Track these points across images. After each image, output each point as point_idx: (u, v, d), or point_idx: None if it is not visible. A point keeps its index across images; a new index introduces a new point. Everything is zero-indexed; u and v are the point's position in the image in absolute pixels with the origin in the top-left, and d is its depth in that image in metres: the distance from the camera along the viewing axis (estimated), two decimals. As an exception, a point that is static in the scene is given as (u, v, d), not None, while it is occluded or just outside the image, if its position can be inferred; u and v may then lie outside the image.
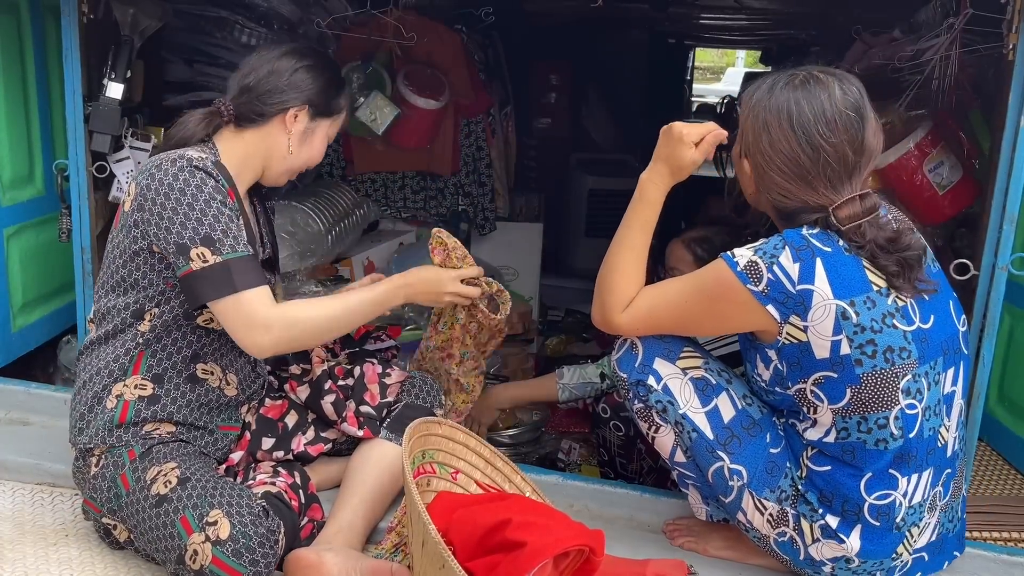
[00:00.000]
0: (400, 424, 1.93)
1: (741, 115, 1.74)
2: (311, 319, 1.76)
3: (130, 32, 2.45)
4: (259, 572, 1.62)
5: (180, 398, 1.84)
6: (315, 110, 1.87)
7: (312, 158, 1.92)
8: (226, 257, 1.67)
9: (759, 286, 1.62)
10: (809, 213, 1.66)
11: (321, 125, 1.90)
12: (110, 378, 1.81)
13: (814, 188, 1.65)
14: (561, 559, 1.54)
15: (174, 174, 1.69)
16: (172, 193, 1.68)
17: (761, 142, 1.67)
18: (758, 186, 1.72)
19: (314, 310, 1.78)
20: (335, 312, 1.80)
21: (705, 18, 5.35)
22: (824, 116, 1.63)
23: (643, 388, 1.79)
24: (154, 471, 1.73)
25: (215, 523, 1.63)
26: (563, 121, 5.56)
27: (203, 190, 1.69)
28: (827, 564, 1.72)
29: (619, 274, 1.79)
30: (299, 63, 1.85)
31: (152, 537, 1.69)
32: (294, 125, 1.84)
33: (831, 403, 1.65)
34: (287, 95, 1.83)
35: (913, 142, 2.37)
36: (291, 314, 1.73)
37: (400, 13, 3.18)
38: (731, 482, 1.75)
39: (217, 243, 1.67)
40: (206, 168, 1.72)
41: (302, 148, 1.88)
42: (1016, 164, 1.93)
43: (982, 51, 2.12)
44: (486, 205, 3.98)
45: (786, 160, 1.65)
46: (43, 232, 2.70)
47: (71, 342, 2.82)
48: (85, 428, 1.80)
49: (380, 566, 1.72)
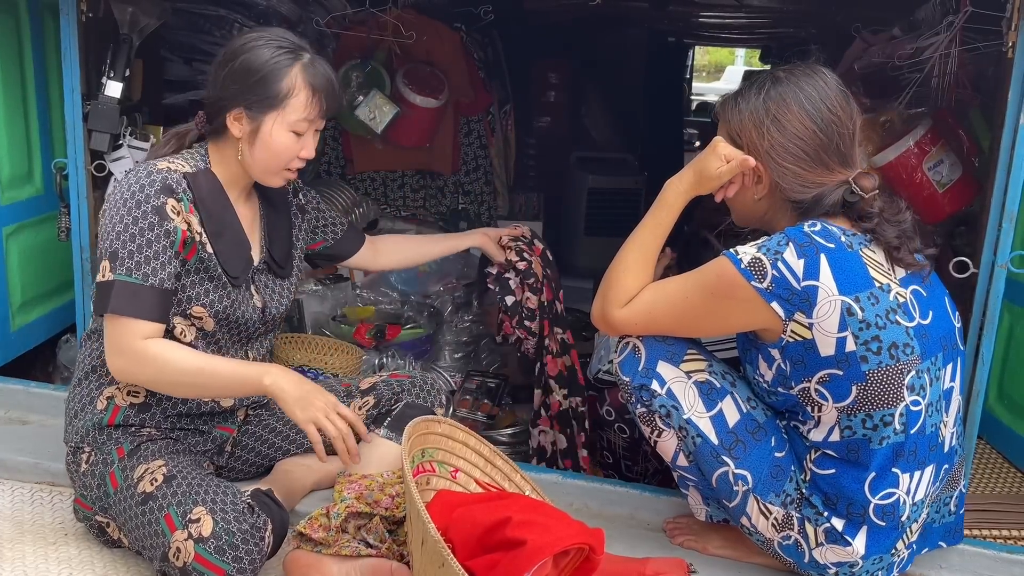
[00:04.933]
0: (400, 423, 1.93)
1: (730, 127, 1.73)
2: (167, 362, 1.69)
3: (129, 31, 2.45)
4: (243, 569, 1.61)
5: (171, 409, 1.85)
6: (251, 107, 1.76)
7: (276, 155, 1.78)
8: (116, 277, 1.68)
9: (763, 283, 1.62)
10: (828, 196, 1.67)
11: (267, 119, 1.76)
12: (104, 377, 1.83)
13: (829, 168, 1.68)
14: (561, 557, 1.54)
15: (129, 185, 1.71)
16: (116, 203, 1.71)
17: (771, 135, 1.67)
18: (771, 186, 1.71)
19: (175, 355, 1.70)
20: (194, 367, 1.71)
21: (704, 16, 5.35)
22: (827, 93, 1.68)
23: (647, 393, 1.77)
24: (141, 469, 1.73)
25: (198, 520, 1.62)
26: (563, 120, 5.55)
27: (141, 206, 1.69)
28: (831, 568, 1.72)
29: (623, 269, 1.79)
30: (223, 67, 1.78)
31: (139, 535, 1.69)
32: (239, 129, 1.79)
33: (836, 401, 1.64)
34: (221, 102, 1.78)
35: (913, 140, 2.36)
36: (152, 351, 1.69)
37: (399, 11, 3.18)
38: (736, 487, 1.74)
39: (118, 262, 1.68)
40: (168, 184, 1.71)
41: (255, 148, 1.78)
42: (1016, 162, 1.92)
43: (982, 49, 2.11)
44: (486, 204, 3.98)
45: (802, 144, 1.67)
46: (42, 231, 2.70)
47: (70, 341, 2.82)
48: (76, 426, 1.82)
49: (380, 565, 1.72)
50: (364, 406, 2.04)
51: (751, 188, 1.74)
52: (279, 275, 1.98)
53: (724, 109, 1.76)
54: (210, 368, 1.73)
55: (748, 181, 1.74)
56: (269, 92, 1.75)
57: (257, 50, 1.75)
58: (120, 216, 1.69)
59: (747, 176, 1.73)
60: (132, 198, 1.70)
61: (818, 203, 1.68)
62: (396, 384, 2.08)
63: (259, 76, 1.74)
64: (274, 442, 2.03)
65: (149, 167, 1.74)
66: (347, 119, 3.50)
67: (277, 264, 1.97)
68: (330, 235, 2.16)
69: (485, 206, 4.01)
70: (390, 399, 2.05)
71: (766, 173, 1.71)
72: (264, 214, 1.98)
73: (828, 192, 1.67)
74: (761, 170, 1.71)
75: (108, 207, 1.73)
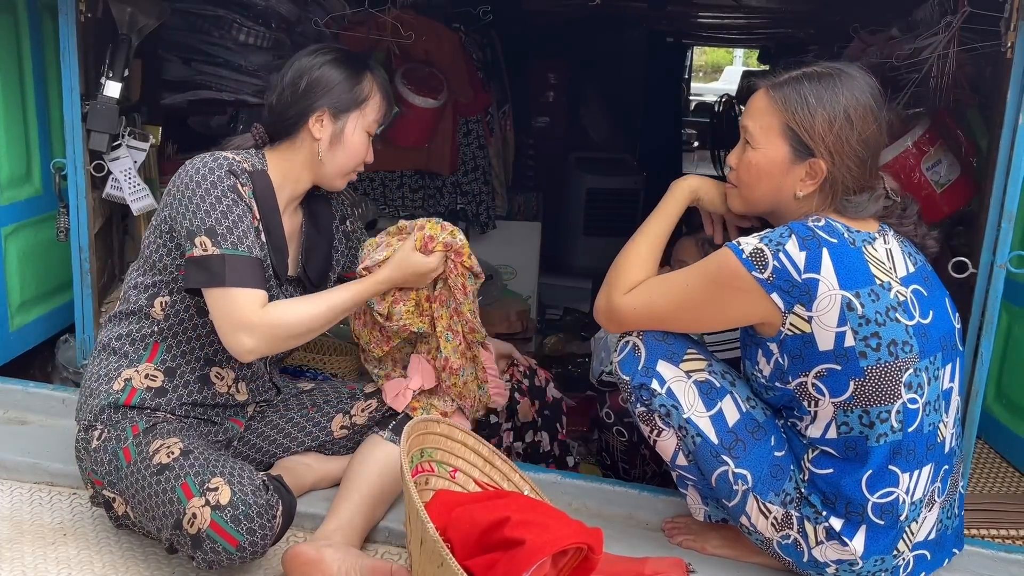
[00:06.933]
0: (400, 423, 1.95)
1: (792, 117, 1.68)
2: (295, 321, 1.76)
3: (128, 31, 2.45)
4: (255, 542, 1.62)
5: (187, 396, 1.86)
6: (336, 108, 1.86)
7: (353, 155, 1.90)
8: (224, 251, 1.70)
9: (764, 273, 1.62)
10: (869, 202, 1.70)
11: (349, 120, 1.88)
12: (124, 359, 1.84)
13: (871, 171, 1.71)
14: (559, 557, 1.54)
15: (197, 167, 1.75)
16: (191, 183, 1.74)
17: (849, 138, 1.66)
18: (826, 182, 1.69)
19: (298, 311, 1.78)
20: (319, 311, 1.80)
21: (703, 17, 5.35)
22: (876, 98, 1.69)
23: (646, 392, 1.77)
24: (157, 443, 1.74)
25: (216, 489, 1.64)
26: (561, 120, 5.56)
27: (218, 185, 1.73)
28: (831, 566, 1.72)
29: (630, 258, 1.81)
30: (306, 70, 1.86)
31: (150, 505, 1.69)
32: (320, 131, 1.86)
33: (833, 396, 1.65)
34: (303, 104, 1.85)
35: (911, 140, 2.36)
36: (275, 317, 1.73)
37: (398, 12, 3.18)
38: (735, 486, 1.74)
39: (219, 236, 1.70)
40: (234, 169, 1.76)
41: (335, 151, 1.88)
42: (1014, 162, 1.93)
43: (980, 49, 2.12)
44: (484, 204, 3.98)
45: (867, 147, 1.68)
46: (41, 231, 2.70)
47: (69, 341, 2.81)
48: (91, 404, 1.82)
49: (379, 565, 1.72)
50: (367, 408, 2.04)
51: (797, 182, 1.70)
52: (307, 292, 1.98)
53: (786, 99, 1.69)
54: (337, 301, 1.83)
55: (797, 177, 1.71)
56: (354, 93, 1.88)
57: (336, 60, 1.88)
58: (200, 195, 1.72)
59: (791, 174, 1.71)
60: (206, 179, 1.73)
61: (862, 206, 1.70)
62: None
63: (343, 80, 1.87)
64: (276, 439, 2.03)
65: (215, 154, 1.79)
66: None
67: (311, 281, 1.99)
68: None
69: (484, 206, 4.00)
70: (393, 401, 2.06)
71: (823, 169, 1.67)
72: (305, 230, 2.00)
73: (869, 196, 1.70)
74: (820, 166, 1.67)
75: (179, 188, 1.75)
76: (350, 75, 1.88)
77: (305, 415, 2.05)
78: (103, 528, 1.93)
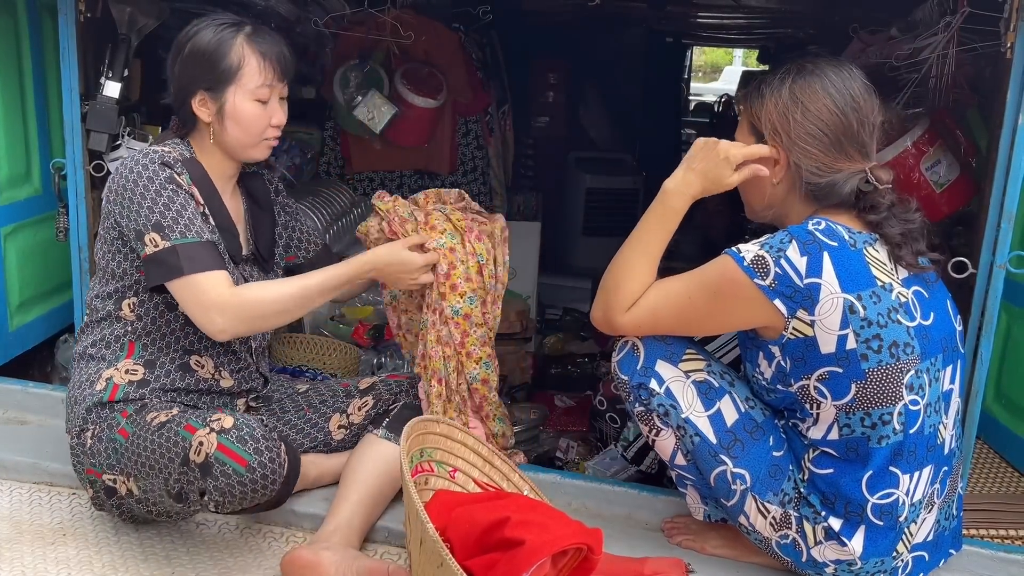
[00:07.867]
0: (399, 423, 1.94)
1: (752, 112, 1.73)
2: (266, 300, 1.77)
3: (127, 31, 2.44)
4: (264, 464, 1.64)
5: (170, 384, 1.87)
6: (210, 88, 1.82)
7: (249, 125, 1.84)
8: (174, 242, 1.72)
9: (766, 280, 1.62)
10: (844, 184, 1.67)
11: (228, 95, 1.82)
12: (103, 362, 1.86)
13: (848, 156, 1.68)
14: (559, 557, 1.54)
15: (130, 167, 1.77)
16: (127, 183, 1.75)
17: (794, 116, 1.67)
18: (788, 169, 1.69)
19: (270, 291, 1.79)
20: (292, 292, 1.80)
21: (703, 17, 5.35)
22: (851, 83, 1.68)
23: (645, 391, 1.77)
24: (152, 414, 1.77)
25: (219, 419, 1.67)
26: (561, 120, 5.56)
27: (154, 180, 1.74)
28: (830, 566, 1.72)
29: (628, 275, 1.76)
30: (175, 60, 1.86)
31: (155, 459, 1.69)
32: (207, 114, 1.85)
33: (835, 399, 1.65)
34: (182, 92, 1.85)
35: (910, 140, 2.36)
36: (246, 296, 1.75)
37: (398, 12, 3.18)
38: (734, 486, 1.74)
39: (166, 229, 1.72)
40: (167, 160, 1.77)
41: (227, 127, 1.84)
42: (1014, 162, 1.93)
43: (979, 49, 2.11)
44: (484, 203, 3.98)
45: (824, 126, 1.66)
46: (40, 231, 2.70)
47: (68, 341, 2.81)
48: (77, 411, 1.84)
49: (377, 565, 1.72)
50: (363, 406, 2.04)
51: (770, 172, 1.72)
52: (263, 268, 2.01)
53: (746, 95, 1.76)
54: (312, 284, 1.81)
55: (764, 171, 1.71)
56: (221, 68, 1.81)
57: (200, 33, 1.84)
58: (140, 193, 1.74)
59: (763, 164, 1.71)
60: (141, 176, 1.75)
61: (833, 190, 1.68)
62: (395, 385, 2.09)
63: (208, 56, 1.81)
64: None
65: (144, 150, 1.81)
66: (345, 119, 3.50)
67: (263, 257, 2.00)
68: (302, 253, 2.15)
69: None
70: (389, 400, 2.06)
71: (784, 155, 1.69)
72: (248, 208, 2.01)
73: (844, 179, 1.67)
74: (779, 153, 1.70)
75: (117, 190, 1.77)
76: (214, 50, 1.81)
77: (302, 417, 2.05)
78: (103, 528, 1.93)
